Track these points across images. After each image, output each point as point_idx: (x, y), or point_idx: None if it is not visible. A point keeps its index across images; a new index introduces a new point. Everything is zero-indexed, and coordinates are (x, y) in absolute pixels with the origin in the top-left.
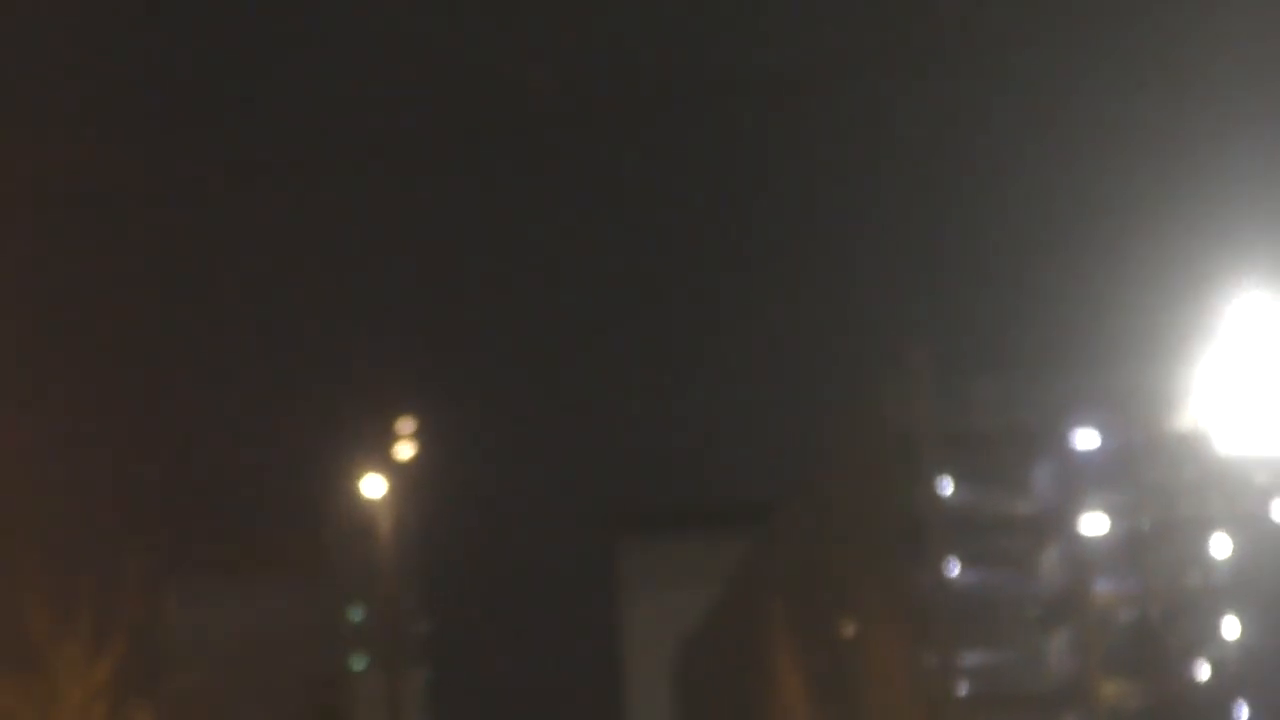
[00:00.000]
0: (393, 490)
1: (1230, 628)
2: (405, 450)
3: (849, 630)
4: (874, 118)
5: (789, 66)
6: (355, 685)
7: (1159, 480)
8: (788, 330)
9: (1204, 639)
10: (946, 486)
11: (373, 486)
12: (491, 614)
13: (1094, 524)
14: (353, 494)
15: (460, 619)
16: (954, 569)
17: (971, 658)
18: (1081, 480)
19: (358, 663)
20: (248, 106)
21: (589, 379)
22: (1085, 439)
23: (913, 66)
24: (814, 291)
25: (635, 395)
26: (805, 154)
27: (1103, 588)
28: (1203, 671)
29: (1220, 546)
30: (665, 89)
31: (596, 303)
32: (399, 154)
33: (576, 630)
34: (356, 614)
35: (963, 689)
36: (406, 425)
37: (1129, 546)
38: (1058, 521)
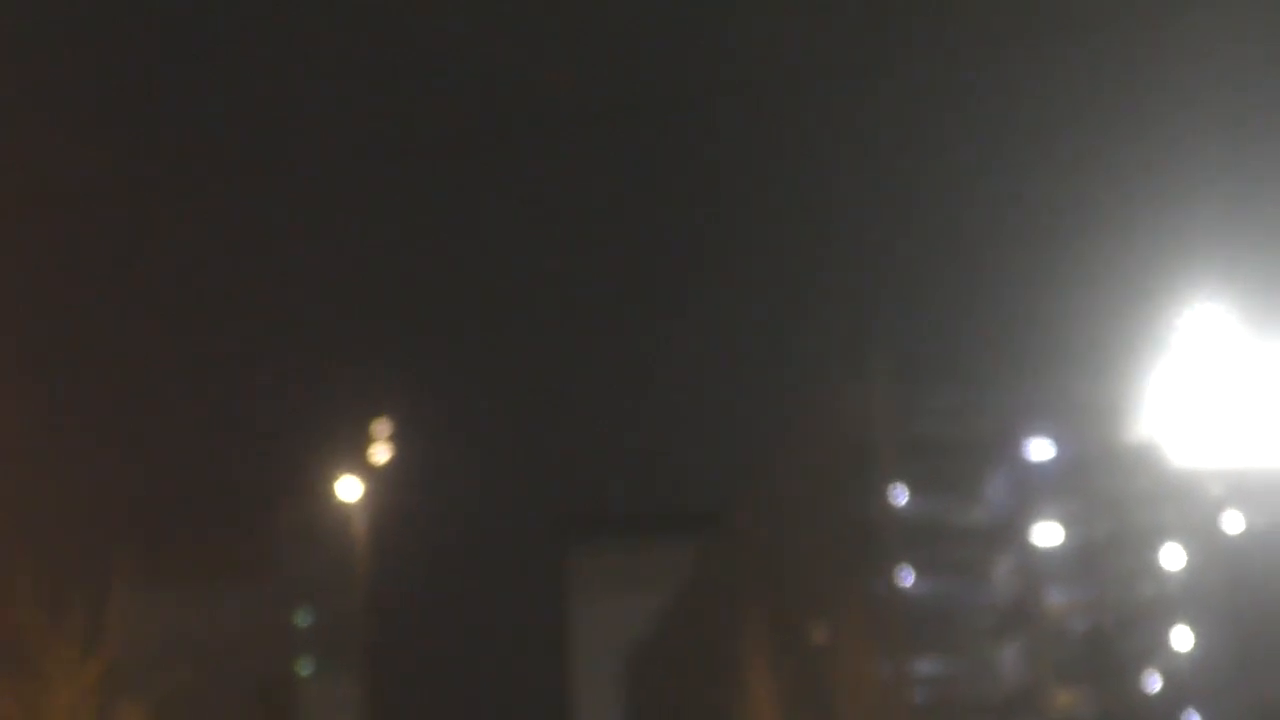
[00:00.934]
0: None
1: (1182, 638)
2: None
3: (806, 638)
4: (836, 127)
5: (751, 77)
6: (303, 689)
7: (1112, 491)
8: (743, 337)
9: (1156, 649)
10: (901, 495)
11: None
12: (440, 618)
13: (1047, 534)
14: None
15: (409, 623)
16: (908, 577)
17: (925, 666)
18: (1035, 490)
19: (305, 666)
20: (228, 106)
21: (540, 385)
22: (1039, 449)
23: (875, 79)
24: (770, 299)
25: (587, 401)
26: (764, 161)
27: (1055, 597)
28: (1154, 681)
29: (1172, 557)
30: (629, 96)
31: (549, 310)
32: (372, 162)
33: (525, 635)
34: (305, 618)
35: (917, 697)
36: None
37: (1082, 556)
38: (1011, 531)
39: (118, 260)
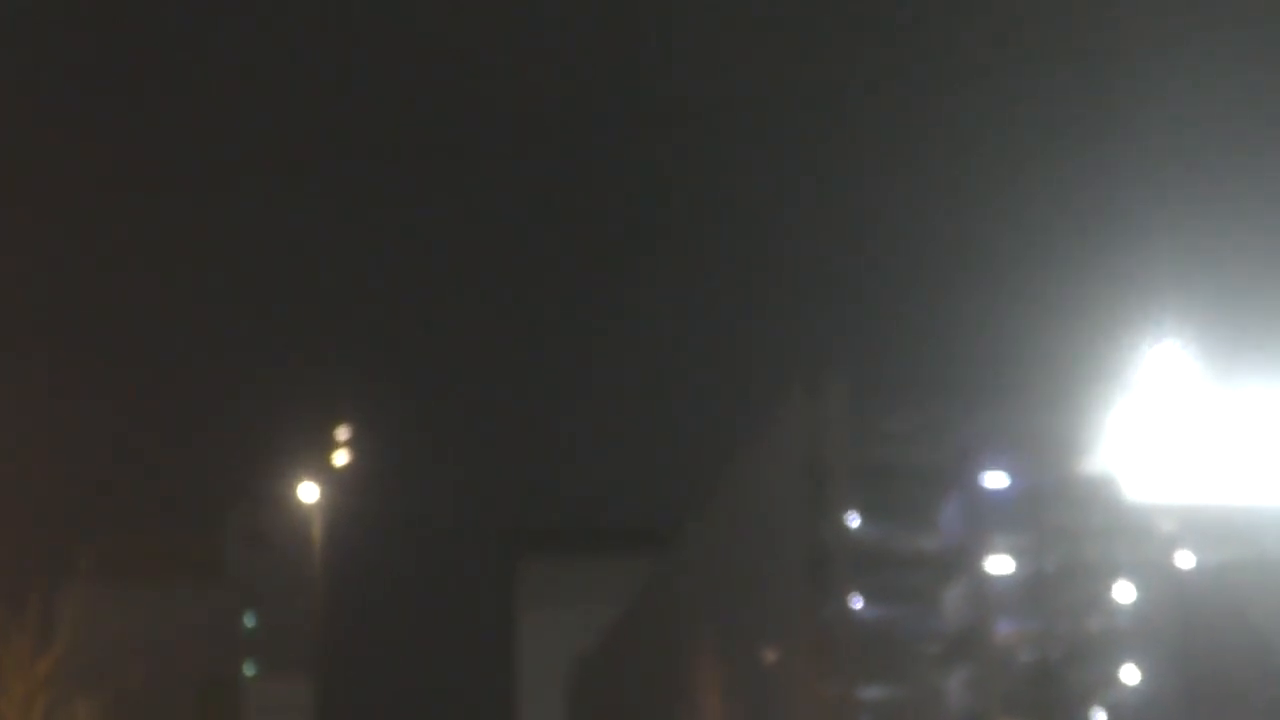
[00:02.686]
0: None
1: (1129, 674)
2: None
3: (754, 660)
4: (791, 147)
5: (710, 91)
6: (248, 692)
7: (1065, 523)
8: (697, 355)
9: (1103, 684)
10: (853, 519)
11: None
12: (386, 626)
13: (998, 564)
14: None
15: (355, 629)
16: (857, 602)
17: (872, 691)
18: (988, 520)
19: (250, 669)
20: (191, 104)
21: (490, 397)
22: (994, 479)
23: (839, 98)
24: (726, 318)
25: (539, 414)
26: (716, 180)
27: (1004, 627)
28: (1100, 716)
29: (1123, 592)
30: (589, 104)
31: (498, 322)
32: (333, 167)
33: (472, 645)
34: (251, 620)
35: None
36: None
37: (1032, 588)
38: (962, 559)
39: (75, 257)
